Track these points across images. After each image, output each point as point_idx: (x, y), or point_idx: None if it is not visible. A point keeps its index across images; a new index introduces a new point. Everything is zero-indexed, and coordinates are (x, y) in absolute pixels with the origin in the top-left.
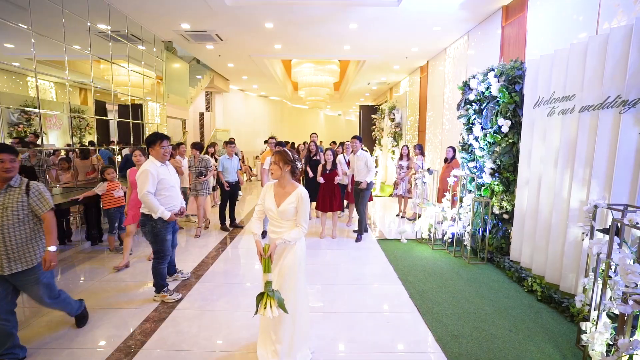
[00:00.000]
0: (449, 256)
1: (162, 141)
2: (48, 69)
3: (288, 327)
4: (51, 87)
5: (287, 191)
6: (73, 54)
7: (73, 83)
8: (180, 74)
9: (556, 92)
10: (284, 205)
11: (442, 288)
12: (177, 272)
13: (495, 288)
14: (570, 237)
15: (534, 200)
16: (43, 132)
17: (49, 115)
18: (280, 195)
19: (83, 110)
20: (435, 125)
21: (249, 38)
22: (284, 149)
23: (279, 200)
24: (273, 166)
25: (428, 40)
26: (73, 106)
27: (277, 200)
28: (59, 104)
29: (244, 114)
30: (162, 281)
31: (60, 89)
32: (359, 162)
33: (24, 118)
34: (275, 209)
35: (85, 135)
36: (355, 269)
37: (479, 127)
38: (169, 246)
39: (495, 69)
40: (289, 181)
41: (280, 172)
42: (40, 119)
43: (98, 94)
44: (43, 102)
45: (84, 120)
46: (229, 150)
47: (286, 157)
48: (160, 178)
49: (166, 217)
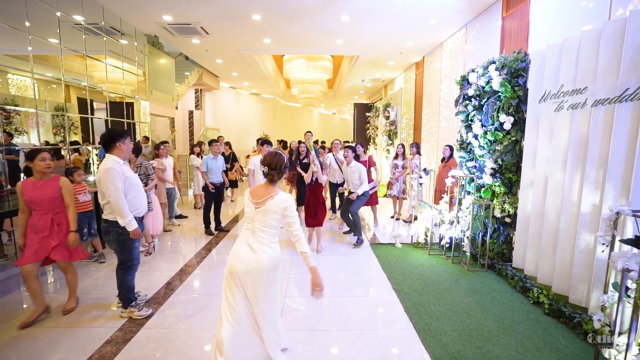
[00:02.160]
0: (447, 262)
1: (127, 137)
2: (25, 65)
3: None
4: (33, 84)
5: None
6: (41, 47)
7: (50, 79)
8: (166, 70)
9: (565, 85)
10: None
11: (439, 299)
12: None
13: (498, 299)
14: (581, 244)
15: (540, 203)
16: (24, 131)
17: (30, 113)
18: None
19: (67, 108)
20: (431, 123)
21: (236, 31)
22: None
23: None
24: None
25: (424, 34)
26: (56, 104)
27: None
28: (40, 101)
29: (235, 112)
30: (129, 294)
31: (44, 86)
32: (353, 175)
33: (2, 116)
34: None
35: (70, 134)
36: (346, 278)
37: (478, 124)
38: (137, 254)
39: (496, 61)
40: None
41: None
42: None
43: (84, 92)
44: (23, 99)
45: (69, 119)
46: (213, 150)
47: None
48: (126, 176)
49: (131, 228)
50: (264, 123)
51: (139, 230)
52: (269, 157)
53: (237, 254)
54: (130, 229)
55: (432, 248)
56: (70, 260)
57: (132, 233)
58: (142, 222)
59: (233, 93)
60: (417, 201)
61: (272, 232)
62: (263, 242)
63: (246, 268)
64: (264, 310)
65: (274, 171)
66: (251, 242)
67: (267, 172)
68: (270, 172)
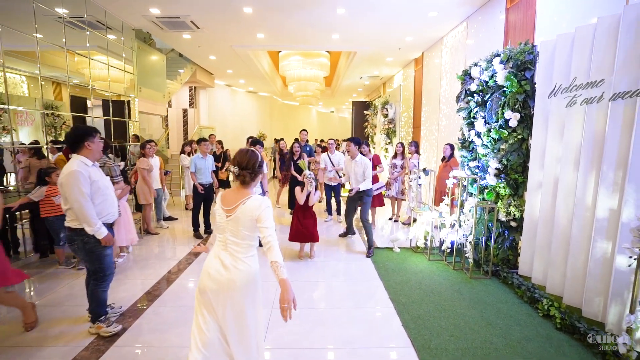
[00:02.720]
0: (448, 269)
1: (96, 135)
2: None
3: None
4: (22, 81)
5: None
6: (13, 40)
7: (34, 76)
8: (156, 67)
9: (578, 77)
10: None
11: (440, 312)
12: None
13: (504, 312)
14: (597, 253)
15: (549, 207)
16: (13, 129)
17: (19, 111)
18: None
19: (57, 106)
20: (431, 121)
21: (228, 26)
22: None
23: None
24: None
25: (423, 27)
26: (46, 101)
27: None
28: (30, 99)
29: (230, 111)
30: (99, 308)
31: (34, 83)
32: (358, 169)
33: None
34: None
35: (61, 133)
36: (339, 287)
37: (481, 122)
38: (110, 262)
39: (501, 53)
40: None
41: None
42: None
43: (77, 90)
44: (12, 97)
45: (60, 117)
46: (202, 149)
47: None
48: (93, 180)
49: (101, 235)
50: (261, 122)
51: (110, 237)
52: (239, 156)
53: (207, 270)
54: (100, 236)
55: (432, 253)
56: None
57: (103, 240)
58: (112, 228)
59: (229, 91)
60: (416, 203)
61: (248, 243)
62: (237, 257)
63: (216, 287)
64: (239, 337)
65: (246, 171)
66: (223, 257)
67: (237, 172)
68: (241, 173)
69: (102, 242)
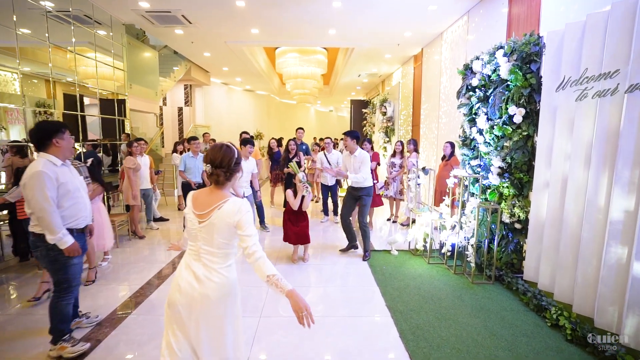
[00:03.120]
0: (449, 273)
1: (66, 131)
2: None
3: None
4: (14, 78)
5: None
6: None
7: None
8: (148, 63)
9: (590, 68)
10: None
11: (441, 321)
12: (81, 316)
13: (509, 321)
14: (611, 258)
15: (556, 208)
16: (3, 127)
17: (9, 109)
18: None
19: (49, 104)
20: (430, 119)
21: (221, 21)
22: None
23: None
24: None
25: (422, 22)
26: (38, 100)
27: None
28: (19, 97)
29: (227, 109)
30: (62, 325)
31: (25, 81)
32: (357, 164)
33: None
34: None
35: None
36: (333, 293)
37: (483, 118)
38: (76, 272)
39: (504, 46)
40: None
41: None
42: None
43: (72, 88)
44: (3, 94)
45: (51, 115)
46: (192, 147)
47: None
48: (60, 182)
49: (64, 245)
50: (258, 120)
51: (76, 246)
52: (212, 152)
53: (177, 282)
54: (63, 246)
55: (431, 256)
56: None
57: (67, 250)
58: (85, 233)
59: (225, 89)
60: (415, 203)
61: (225, 252)
62: (211, 267)
63: (188, 302)
64: (215, 355)
65: (220, 170)
66: (195, 268)
67: (210, 171)
68: (214, 172)
69: (65, 252)
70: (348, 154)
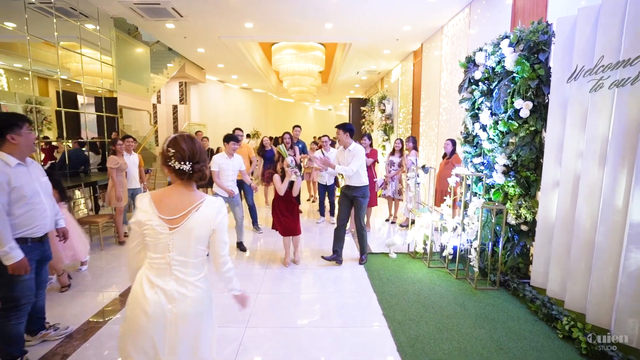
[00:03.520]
0: (450, 278)
1: (23, 126)
2: None
3: None
4: (0, 74)
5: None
6: None
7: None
8: (139, 59)
9: (606, 56)
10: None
11: (442, 332)
12: (48, 328)
13: (517, 332)
14: (631, 265)
15: (567, 209)
16: None
17: None
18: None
19: (41, 102)
20: (430, 116)
21: (213, 15)
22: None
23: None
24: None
25: (422, 15)
26: (28, 97)
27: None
28: (10, 94)
29: (223, 107)
30: (11, 348)
31: (14, 78)
32: (350, 160)
33: None
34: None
35: (42, 130)
36: (326, 300)
37: (487, 113)
38: (26, 289)
39: (510, 35)
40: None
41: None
42: None
43: (68, 85)
44: None
45: (41, 112)
46: None
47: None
48: (13, 186)
49: (10, 261)
50: (256, 119)
51: (23, 263)
52: (186, 144)
53: (141, 308)
54: (7, 261)
55: (432, 259)
56: None
57: (11, 267)
58: (44, 242)
59: (221, 87)
60: (415, 204)
61: (201, 260)
62: (185, 280)
63: (159, 327)
64: None
65: (202, 164)
66: (165, 285)
67: (190, 169)
68: (197, 168)
69: (9, 269)
70: (342, 149)
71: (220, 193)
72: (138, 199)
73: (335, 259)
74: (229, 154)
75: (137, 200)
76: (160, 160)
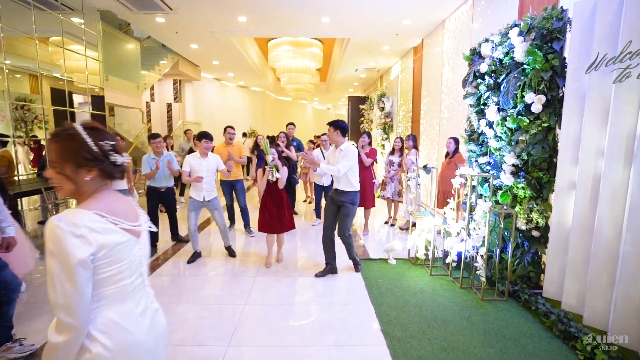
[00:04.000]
0: (454, 287)
1: None
2: None
3: None
4: None
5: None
6: None
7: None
8: (129, 55)
9: (634, 41)
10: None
11: (448, 352)
12: (14, 340)
13: (531, 351)
14: None
15: (586, 213)
16: None
17: None
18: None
19: (31, 99)
20: (431, 114)
21: (205, 7)
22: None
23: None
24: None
25: (423, 8)
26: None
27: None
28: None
29: (219, 106)
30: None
31: (2, 75)
32: (341, 160)
33: None
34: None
35: (33, 128)
36: (319, 314)
37: (494, 109)
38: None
39: (520, 23)
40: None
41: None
42: None
43: (61, 83)
44: None
45: (32, 111)
46: (153, 147)
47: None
48: None
49: None
50: (253, 118)
51: None
52: (108, 134)
53: (142, 346)
54: None
55: (434, 266)
56: None
57: None
58: None
59: (217, 85)
60: (415, 206)
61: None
62: (150, 292)
63: (163, 345)
64: None
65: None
66: (151, 305)
67: (125, 161)
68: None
69: None
70: (333, 149)
71: (195, 196)
72: (78, 223)
73: (329, 272)
74: (203, 153)
75: (82, 225)
76: (88, 163)
